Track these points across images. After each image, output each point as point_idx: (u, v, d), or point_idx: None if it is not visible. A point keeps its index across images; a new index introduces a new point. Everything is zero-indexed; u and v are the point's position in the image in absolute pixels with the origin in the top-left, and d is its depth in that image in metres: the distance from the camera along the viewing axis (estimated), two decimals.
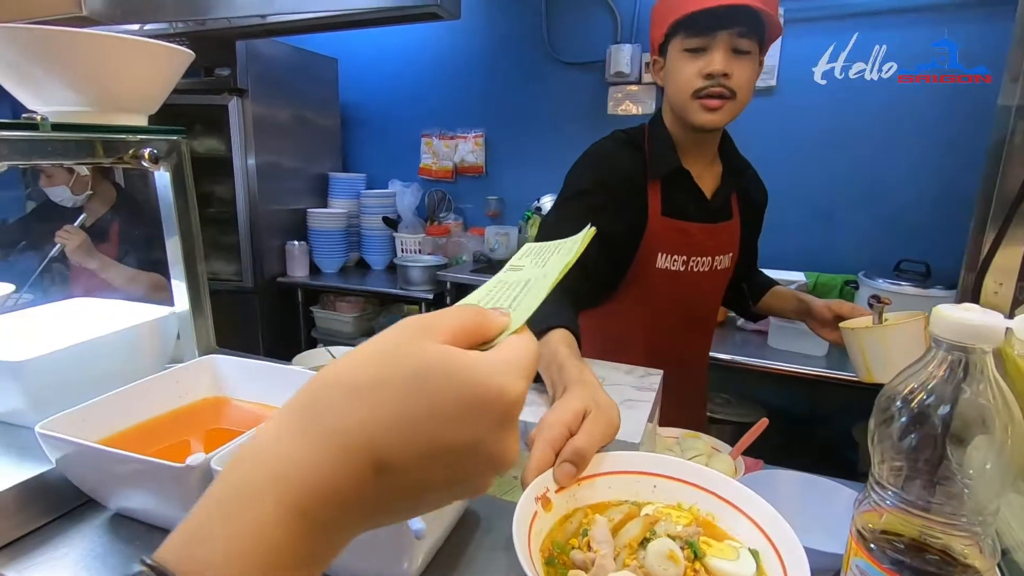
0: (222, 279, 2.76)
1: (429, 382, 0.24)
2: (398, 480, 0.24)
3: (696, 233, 1.07)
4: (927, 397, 0.39)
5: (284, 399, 0.71)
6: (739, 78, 0.93)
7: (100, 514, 0.66)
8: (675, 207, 1.05)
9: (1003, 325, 0.35)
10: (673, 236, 1.05)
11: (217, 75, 2.51)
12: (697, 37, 0.92)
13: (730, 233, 1.13)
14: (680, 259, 1.07)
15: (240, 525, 0.21)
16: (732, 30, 0.90)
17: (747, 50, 0.93)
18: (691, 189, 1.06)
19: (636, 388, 0.88)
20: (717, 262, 1.11)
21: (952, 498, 0.39)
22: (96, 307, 0.92)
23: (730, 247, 1.13)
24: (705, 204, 1.08)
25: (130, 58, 0.67)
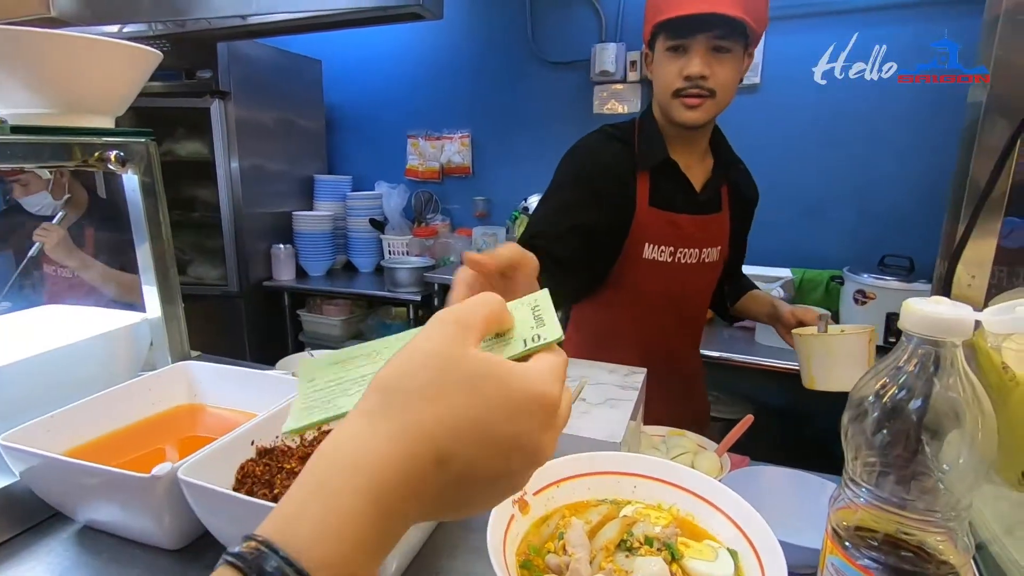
0: (207, 284, 2.73)
1: (484, 387, 0.28)
2: (455, 472, 0.27)
3: (684, 224, 1.08)
4: (899, 392, 0.38)
5: (262, 405, 0.70)
6: (719, 77, 0.95)
7: (68, 527, 0.64)
8: (663, 198, 1.06)
9: (972, 318, 0.35)
10: (661, 227, 1.07)
11: (199, 77, 2.48)
12: (677, 39, 0.95)
13: (719, 226, 1.13)
14: (668, 250, 1.08)
15: (327, 511, 0.24)
16: (710, 33, 0.93)
17: (727, 48, 0.95)
18: (679, 181, 1.08)
19: (619, 387, 0.87)
20: (705, 254, 1.12)
21: (926, 493, 0.38)
22: (66, 314, 0.90)
23: (718, 240, 1.13)
24: (694, 196, 1.09)
25: (93, 59, 0.65)
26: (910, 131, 2.15)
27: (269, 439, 0.65)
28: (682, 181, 1.08)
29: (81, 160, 0.68)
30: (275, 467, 0.62)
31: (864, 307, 1.94)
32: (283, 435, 0.39)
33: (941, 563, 0.38)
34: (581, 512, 0.55)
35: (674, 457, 1.00)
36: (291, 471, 0.61)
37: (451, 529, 0.66)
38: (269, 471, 0.61)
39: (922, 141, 2.14)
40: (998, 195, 0.49)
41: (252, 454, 0.63)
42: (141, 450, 0.71)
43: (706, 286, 1.19)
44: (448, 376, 0.28)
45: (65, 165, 0.66)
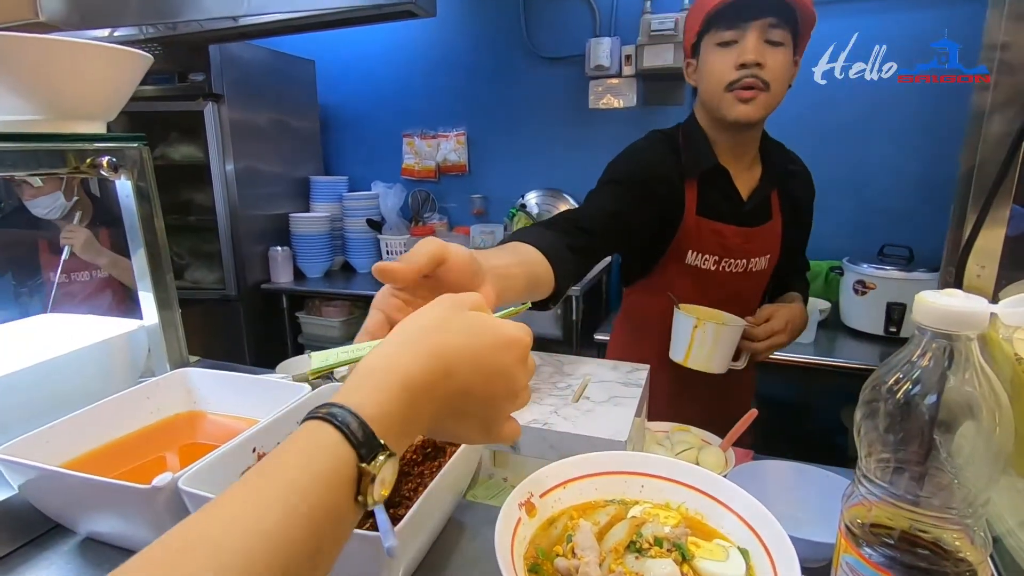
0: (205, 288, 2.72)
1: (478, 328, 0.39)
2: (456, 385, 0.37)
3: (730, 236, 1.06)
4: (912, 387, 0.37)
5: (262, 411, 0.69)
6: (773, 68, 0.92)
7: (69, 539, 0.64)
8: (710, 207, 1.05)
9: (987, 310, 0.34)
10: (706, 236, 1.05)
11: (191, 80, 2.46)
12: (729, 30, 0.92)
13: (769, 235, 1.11)
14: (712, 259, 1.07)
15: (374, 390, 0.34)
16: (763, 20, 0.90)
17: (780, 41, 0.93)
18: (727, 189, 1.06)
19: (623, 384, 0.86)
20: (753, 264, 1.10)
21: (941, 490, 0.38)
22: (62, 323, 0.89)
23: (768, 249, 1.11)
24: (740, 206, 1.07)
25: (83, 63, 0.64)
26: (908, 125, 2.15)
27: (271, 446, 0.64)
28: (729, 190, 1.06)
29: (73, 166, 0.67)
30: None
31: (864, 297, 1.93)
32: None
33: (958, 560, 0.37)
34: (589, 513, 0.54)
35: (678, 453, 0.99)
36: None
37: (456, 535, 0.65)
38: None
39: (921, 133, 2.13)
40: (1006, 185, 0.49)
41: (254, 461, 0.62)
42: (141, 459, 0.70)
43: (752, 293, 1.16)
44: (452, 321, 0.39)
45: (57, 172, 0.65)
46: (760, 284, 1.15)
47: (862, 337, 1.97)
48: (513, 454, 0.78)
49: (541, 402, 0.79)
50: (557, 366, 0.94)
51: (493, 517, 0.51)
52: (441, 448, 0.66)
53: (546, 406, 0.78)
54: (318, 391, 0.73)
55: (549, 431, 0.72)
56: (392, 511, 0.57)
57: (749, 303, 1.16)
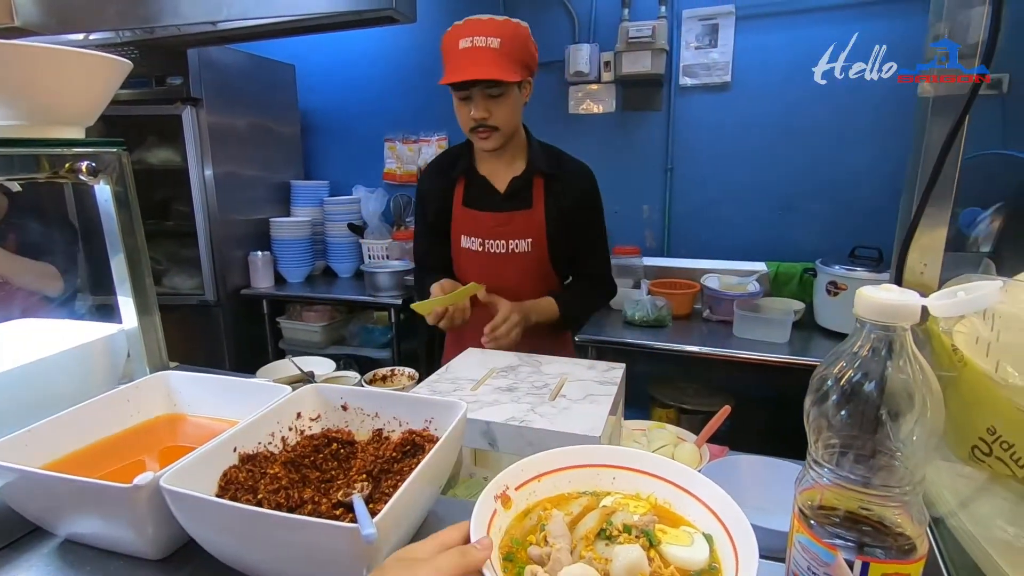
0: (183, 294, 2.69)
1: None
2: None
3: (486, 220, 1.35)
4: (855, 375, 0.40)
5: (243, 412, 0.70)
6: (497, 116, 1.24)
7: (49, 541, 0.64)
8: (473, 199, 1.37)
9: (919, 303, 0.37)
10: (470, 223, 1.37)
11: (169, 84, 2.44)
12: (460, 91, 1.23)
13: (529, 220, 1.34)
14: (477, 240, 1.36)
15: None
16: (480, 87, 1.20)
17: (499, 93, 1.22)
18: (484, 185, 1.36)
19: (599, 383, 0.89)
20: (514, 245, 1.35)
21: (883, 470, 0.41)
22: (41, 328, 0.89)
23: (529, 233, 1.34)
24: (497, 196, 1.35)
25: (61, 69, 0.65)
26: (877, 127, 2.21)
27: (251, 445, 0.65)
28: (487, 186, 1.36)
29: (51, 171, 0.67)
30: (258, 472, 0.62)
31: (836, 297, 1.99)
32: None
33: (899, 535, 0.40)
34: (562, 505, 0.56)
35: (655, 449, 1.02)
36: (274, 476, 0.61)
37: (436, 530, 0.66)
38: (252, 477, 0.61)
39: (889, 136, 2.20)
40: (948, 185, 0.52)
41: (235, 460, 0.63)
42: (121, 462, 0.70)
43: (522, 270, 1.37)
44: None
45: (35, 177, 0.65)
46: (525, 266, 1.36)
47: (835, 337, 2.02)
48: (492, 451, 0.80)
49: (519, 400, 0.81)
50: (535, 366, 0.96)
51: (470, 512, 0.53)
52: (420, 446, 0.68)
53: (524, 404, 0.80)
54: (299, 391, 0.74)
55: (527, 428, 0.74)
56: (372, 506, 0.58)
57: (516, 282, 1.37)
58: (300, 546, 0.49)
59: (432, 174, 1.46)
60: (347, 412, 0.74)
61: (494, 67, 1.18)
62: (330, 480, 0.64)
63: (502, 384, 0.88)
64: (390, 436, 0.72)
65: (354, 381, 1.21)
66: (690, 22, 2.37)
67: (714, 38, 2.36)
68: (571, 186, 1.36)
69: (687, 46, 2.39)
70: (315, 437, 0.70)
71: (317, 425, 0.73)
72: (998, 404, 0.44)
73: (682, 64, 2.40)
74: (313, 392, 0.74)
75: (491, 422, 0.76)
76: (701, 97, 2.44)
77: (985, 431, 0.45)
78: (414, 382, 1.16)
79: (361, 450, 0.70)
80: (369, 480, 0.63)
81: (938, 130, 0.55)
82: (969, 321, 0.48)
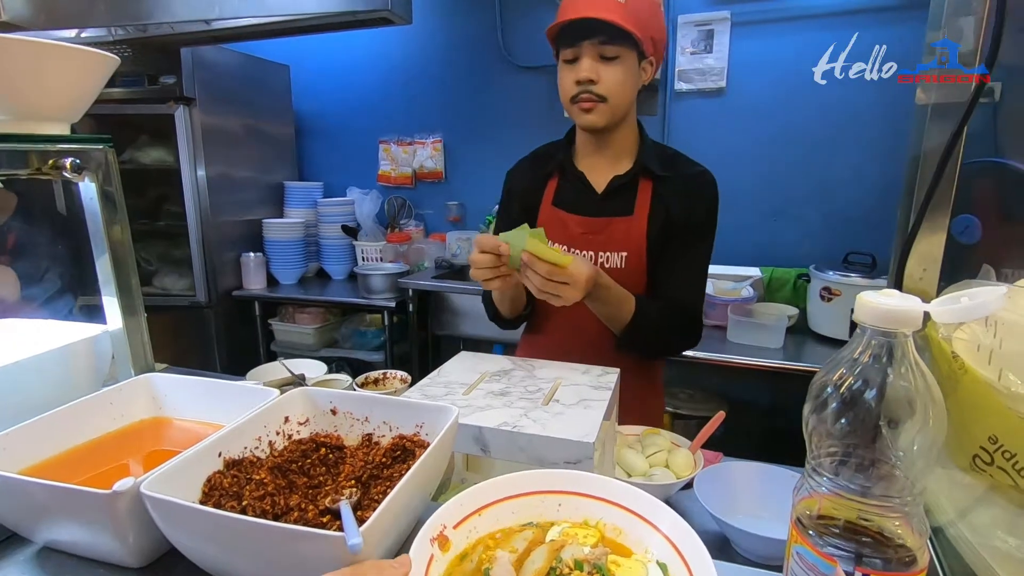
0: (174, 294, 2.66)
1: None
2: None
3: (574, 225, 1.14)
4: (855, 382, 0.39)
5: (229, 415, 0.68)
6: (607, 83, 1.03)
7: (26, 548, 0.62)
8: (564, 200, 1.17)
9: (921, 309, 0.36)
10: (557, 226, 1.16)
11: (162, 83, 2.42)
12: (568, 48, 1.04)
13: (626, 230, 1.10)
14: (561, 248, 1.13)
15: None
16: (594, 39, 1.01)
17: (613, 56, 1.02)
18: (580, 184, 1.16)
19: (593, 388, 0.88)
20: (603, 259, 1.12)
21: (883, 479, 0.40)
22: (23, 328, 0.87)
23: (624, 246, 1.10)
24: (593, 197, 1.14)
25: (45, 64, 0.63)
26: (870, 133, 2.22)
27: (237, 450, 0.64)
28: (583, 185, 1.15)
29: (35, 168, 0.66)
30: (243, 478, 0.60)
31: (830, 303, 1.99)
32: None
33: (899, 546, 0.39)
34: (506, 541, 0.52)
35: (649, 455, 1.01)
36: (260, 482, 0.60)
37: None
38: (237, 483, 0.60)
39: (881, 142, 2.21)
40: (947, 191, 0.52)
41: (220, 466, 0.61)
42: (104, 466, 0.68)
43: None
44: None
45: (18, 173, 0.64)
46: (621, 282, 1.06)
47: (828, 342, 2.02)
48: (484, 457, 0.78)
49: (512, 405, 0.80)
50: (528, 370, 0.95)
51: None
52: (411, 451, 0.67)
53: (516, 409, 0.79)
54: (288, 394, 0.72)
55: (519, 434, 0.73)
56: (360, 513, 0.57)
57: None
58: (285, 555, 0.48)
59: (524, 168, 1.27)
60: (336, 416, 0.73)
61: (616, 12, 0.97)
62: (318, 486, 0.63)
63: (495, 388, 0.87)
64: (380, 441, 0.70)
65: (346, 384, 1.19)
66: (686, 27, 2.37)
67: (709, 44, 2.37)
68: (686, 194, 1.11)
69: (682, 51, 2.39)
70: (303, 442, 0.69)
71: (305, 429, 0.72)
72: (1000, 413, 0.43)
73: (677, 69, 2.41)
74: (302, 396, 0.73)
75: (483, 427, 0.74)
76: (696, 102, 2.45)
77: (987, 440, 0.44)
78: (406, 385, 1.15)
79: (350, 455, 0.68)
80: (358, 486, 0.61)
81: (937, 136, 0.55)
82: (969, 328, 0.47)
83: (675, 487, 0.95)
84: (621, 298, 1.05)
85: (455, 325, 2.54)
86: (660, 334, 1.12)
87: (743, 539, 0.81)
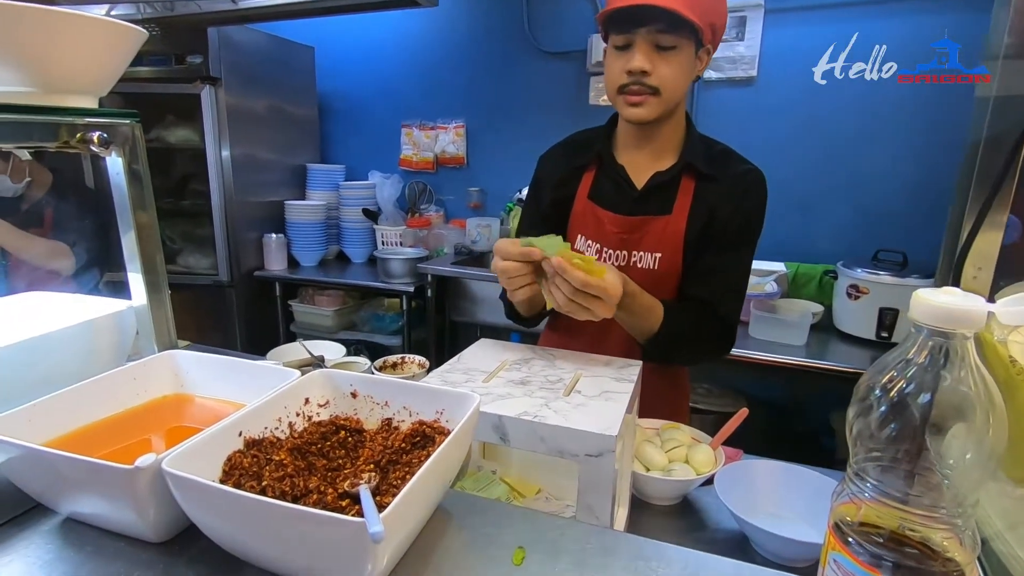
0: (197, 273, 2.70)
1: None
2: None
3: (608, 222, 1.07)
4: (907, 385, 0.37)
5: (250, 394, 0.68)
6: (661, 75, 0.95)
7: (50, 519, 0.62)
8: (600, 194, 1.10)
9: (985, 309, 0.34)
10: (591, 221, 1.10)
11: (189, 63, 2.44)
12: (621, 34, 0.95)
13: (663, 230, 1.03)
14: (594, 245, 1.09)
15: None
16: (651, 27, 0.92)
17: (671, 45, 0.94)
18: (618, 178, 1.08)
19: (615, 380, 0.86)
20: (636, 258, 1.05)
21: (931, 489, 0.37)
22: (50, 301, 0.88)
23: (660, 246, 1.04)
24: (631, 194, 1.06)
25: (75, 35, 0.63)
26: (904, 129, 2.15)
27: (258, 430, 0.64)
28: (621, 179, 1.07)
29: (63, 141, 0.66)
30: (263, 459, 0.60)
31: (857, 301, 1.94)
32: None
33: (946, 560, 0.37)
34: None
35: (669, 450, 0.99)
36: (280, 462, 0.59)
37: (443, 525, 0.64)
38: (257, 463, 0.59)
39: (916, 138, 2.14)
40: (1007, 188, 0.48)
41: (240, 445, 0.61)
42: (126, 440, 0.69)
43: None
44: None
45: (46, 146, 0.64)
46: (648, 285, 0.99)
47: (854, 341, 1.97)
48: (503, 446, 0.78)
49: (532, 395, 0.79)
50: (549, 359, 0.94)
51: (481, 508, 0.50)
52: (430, 437, 0.66)
53: (537, 399, 0.77)
54: (308, 376, 0.72)
55: (540, 424, 0.71)
56: (379, 499, 0.56)
57: None
58: (304, 537, 0.48)
59: (557, 155, 1.17)
60: (356, 400, 0.72)
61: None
62: (337, 469, 0.62)
63: (515, 377, 0.86)
64: (399, 426, 0.70)
65: (364, 367, 1.19)
66: None
67: (741, 31, 2.30)
68: (731, 195, 1.03)
69: None
70: (323, 424, 0.68)
71: (325, 412, 0.71)
72: None
73: None
74: (323, 378, 0.72)
75: (503, 416, 0.73)
76: (725, 91, 2.38)
77: None
78: (424, 371, 1.14)
79: (370, 439, 0.67)
80: (377, 471, 0.61)
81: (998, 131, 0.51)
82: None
83: (695, 483, 0.93)
84: (648, 307, 0.97)
85: (473, 312, 2.53)
86: (690, 344, 1.04)
87: (765, 539, 0.79)
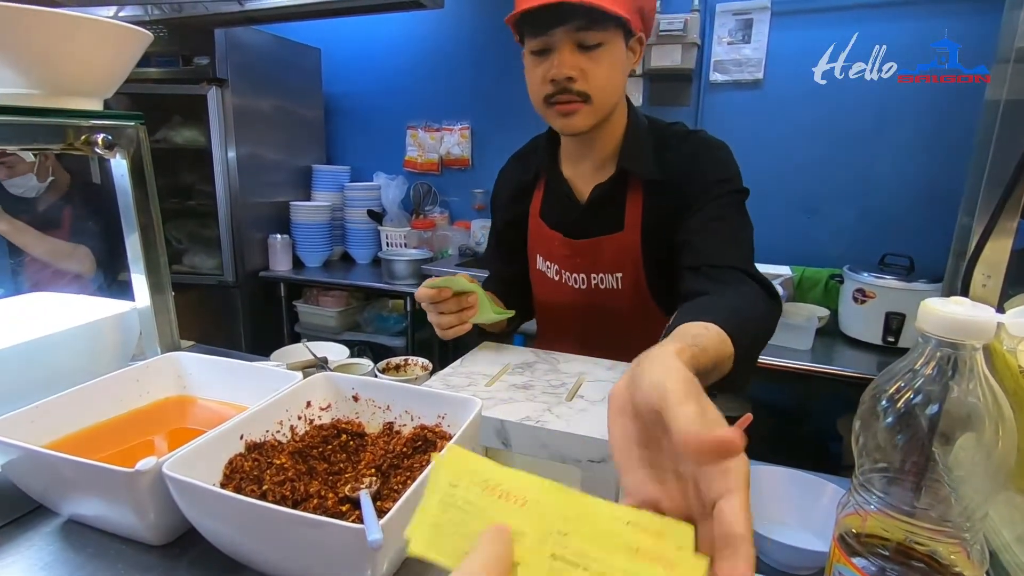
0: (203, 273, 2.71)
1: None
2: None
3: (557, 245, 0.97)
4: (914, 396, 0.37)
5: (253, 397, 0.68)
6: (592, 77, 0.81)
7: (51, 520, 0.63)
8: (549, 211, 1.00)
9: (995, 320, 0.33)
10: (545, 241, 1.00)
11: (195, 64, 2.45)
12: (536, 38, 0.82)
13: (615, 248, 0.93)
14: (553, 267, 1.00)
15: None
16: (569, 25, 0.78)
17: (595, 43, 0.80)
18: (562, 195, 0.97)
19: None
20: (597, 280, 0.96)
21: (939, 502, 0.37)
22: (53, 302, 0.88)
23: (617, 266, 0.94)
24: (577, 209, 0.95)
25: (80, 38, 0.63)
26: (910, 131, 2.13)
27: (259, 433, 0.64)
28: (565, 196, 0.96)
29: (68, 143, 0.66)
30: (264, 462, 0.60)
31: (864, 306, 1.92)
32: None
33: (954, 574, 0.36)
34: None
35: None
36: (280, 466, 0.59)
37: None
38: (258, 466, 0.59)
39: (922, 140, 2.12)
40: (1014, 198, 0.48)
41: (241, 449, 0.61)
42: (128, 442, 0.69)
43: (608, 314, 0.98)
44: None
45: (50, 148, 0.64)
46: (620, 303, 0.95)
47: (859, 346, 1.96)
48: (505, 451, 0.77)
49: (535, 399, 0.78)
50: (552, 363, 0.93)
51: None
52: (431, 442, 0.66)
53: (539, 403, 0.77)
54: (310, 379, 0.72)
55: (542, 429, 0.71)
56: (380, 504, 0.56)
57: (602, 323, 1.00)
58: (303, 542, 0.47)
59: (508, 170, 1.08)
60: (358, 403, 0.72)
61: None
62: (338, 472, 0.62)
63: (518, 381, 0.85)
64: (401, 430, 0.70)
65: (367, 369, 1.19)
66: (724, 16, 2.30)
67: (748, 33, 2.29)
68: (682, 185, 0.87)
69: (719, 41, 2.32)
70: (324, 427, 0.68)
71: (327, 415, 0.71)
72: None
73: (713, 59, 2.33)
74: (324, 380, 0.72)
75: (505, 421, 0.73)
76: (731, 94, 2.37)
77: None
78: (427, 373, 1.14)
79: (371, 443, 0.67)
80: (378, 475, 0.61)
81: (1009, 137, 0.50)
82: None
83: None
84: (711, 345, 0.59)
85: None
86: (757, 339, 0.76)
87: (771, 548, 0.78)
